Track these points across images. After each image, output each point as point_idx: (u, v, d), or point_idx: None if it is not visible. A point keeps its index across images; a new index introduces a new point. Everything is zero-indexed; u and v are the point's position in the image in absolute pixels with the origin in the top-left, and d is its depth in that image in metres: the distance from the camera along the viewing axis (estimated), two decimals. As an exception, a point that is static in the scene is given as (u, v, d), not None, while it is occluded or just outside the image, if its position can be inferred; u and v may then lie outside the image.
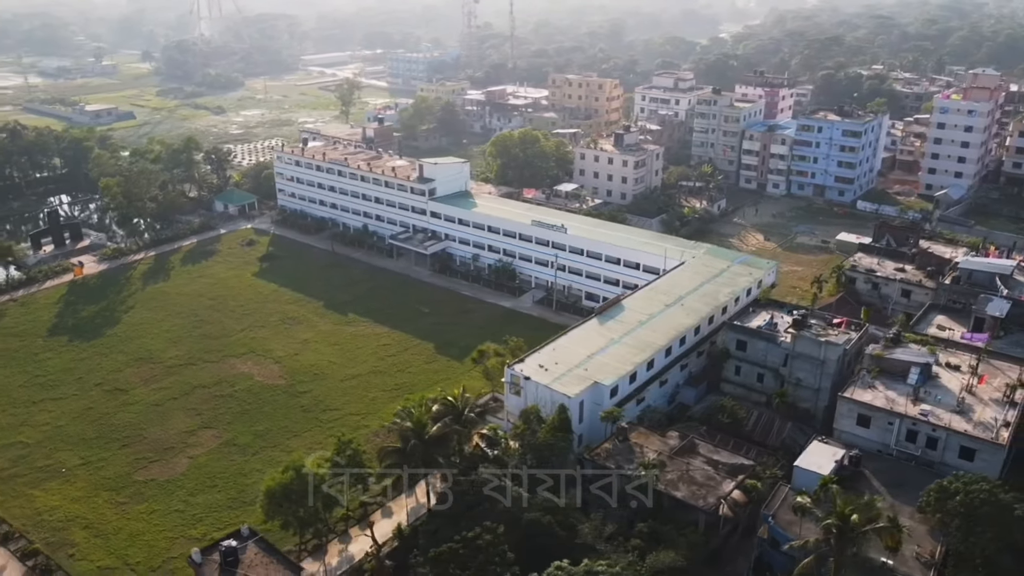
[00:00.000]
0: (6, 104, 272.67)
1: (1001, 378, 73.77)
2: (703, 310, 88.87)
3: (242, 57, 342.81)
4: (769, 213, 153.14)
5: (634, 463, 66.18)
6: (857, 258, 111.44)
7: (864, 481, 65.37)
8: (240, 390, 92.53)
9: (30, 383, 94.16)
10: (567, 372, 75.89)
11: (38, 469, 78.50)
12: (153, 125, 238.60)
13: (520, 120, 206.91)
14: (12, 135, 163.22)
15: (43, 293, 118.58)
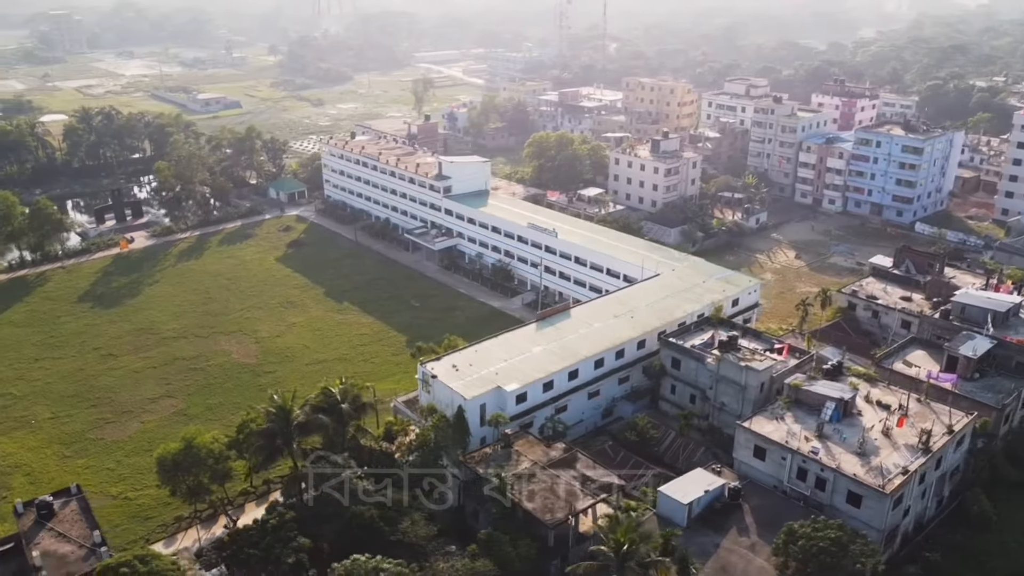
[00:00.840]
0: (139, 90, 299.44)
1: (936, 423, 67.48)
2: (652, 324, 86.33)
3: (356, 53, 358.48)
4: (816, 229, 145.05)
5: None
6: (864, 283, 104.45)
7: (736, 515, 62.08)
8: (212, 365, 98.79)
9: (42, 342, 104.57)
10: (476, 374, 76.14)
11: (13, 419, 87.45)
12: (255, 114, 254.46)
13: (590, 122, 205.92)
14: (107, 119, 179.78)
15: (90, 263, 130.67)
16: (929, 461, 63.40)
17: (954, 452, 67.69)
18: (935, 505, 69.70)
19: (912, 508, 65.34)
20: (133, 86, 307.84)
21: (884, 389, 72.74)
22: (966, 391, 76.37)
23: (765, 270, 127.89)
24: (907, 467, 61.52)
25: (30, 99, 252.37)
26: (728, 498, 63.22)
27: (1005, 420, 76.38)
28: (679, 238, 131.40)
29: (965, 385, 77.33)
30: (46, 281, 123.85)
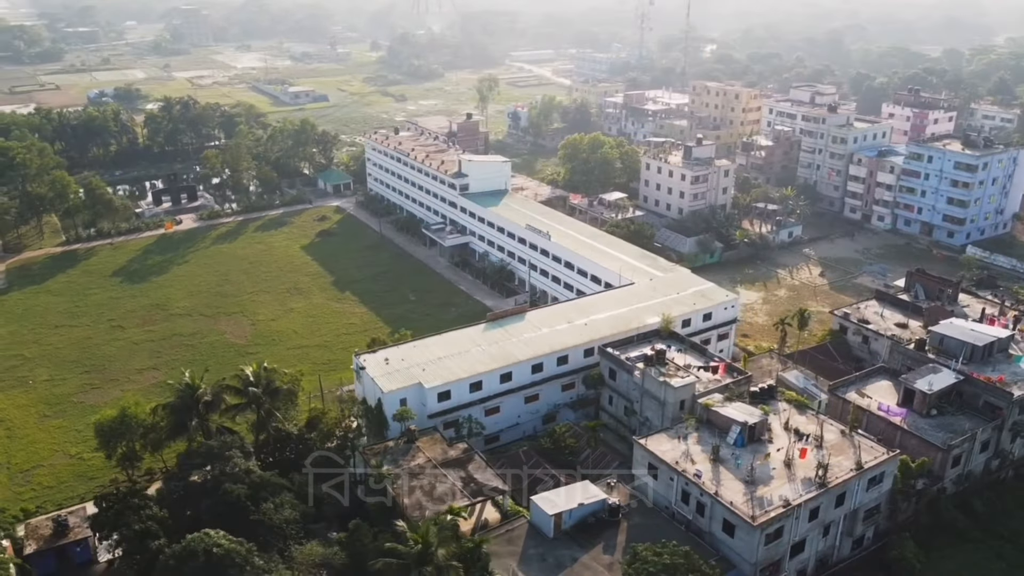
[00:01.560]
0: (243, 82, 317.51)
1: (848, 458, 63.35)
2: (603, 332, 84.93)
3: (453, 51, 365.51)
4: (854, 247, 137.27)
5: (399, 465, 67.24)
6: (862, 306, 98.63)
7: (610, 532, 60.68)
8: (204, 342, 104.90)
9: (66, 311, 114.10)
10: (404, 369, 77.58)
11: (14, 378, 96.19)
12: (339, 107, 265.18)
13: (652, 126, 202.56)
14: (184, 108, 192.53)
15: (135, 241, 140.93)
16: (823, 497, 59.75)
17: (867, 491, 63.29)
18: (850, 545, 65.47)
19: (811, 545, 61.80)
20: (239, 78, 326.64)
21: (811, 417, 68.83)
22: (917, 427, 71.44)
23: (781, 286, 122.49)
24: (790, 500, 58.25)
25: (139, 87, 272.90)
26: (607, 514, 61.88)
27: (955, 463, 70.69)
28: (694, 248, 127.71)
29: (918, 421, 72.28)
30: (92, 256, 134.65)
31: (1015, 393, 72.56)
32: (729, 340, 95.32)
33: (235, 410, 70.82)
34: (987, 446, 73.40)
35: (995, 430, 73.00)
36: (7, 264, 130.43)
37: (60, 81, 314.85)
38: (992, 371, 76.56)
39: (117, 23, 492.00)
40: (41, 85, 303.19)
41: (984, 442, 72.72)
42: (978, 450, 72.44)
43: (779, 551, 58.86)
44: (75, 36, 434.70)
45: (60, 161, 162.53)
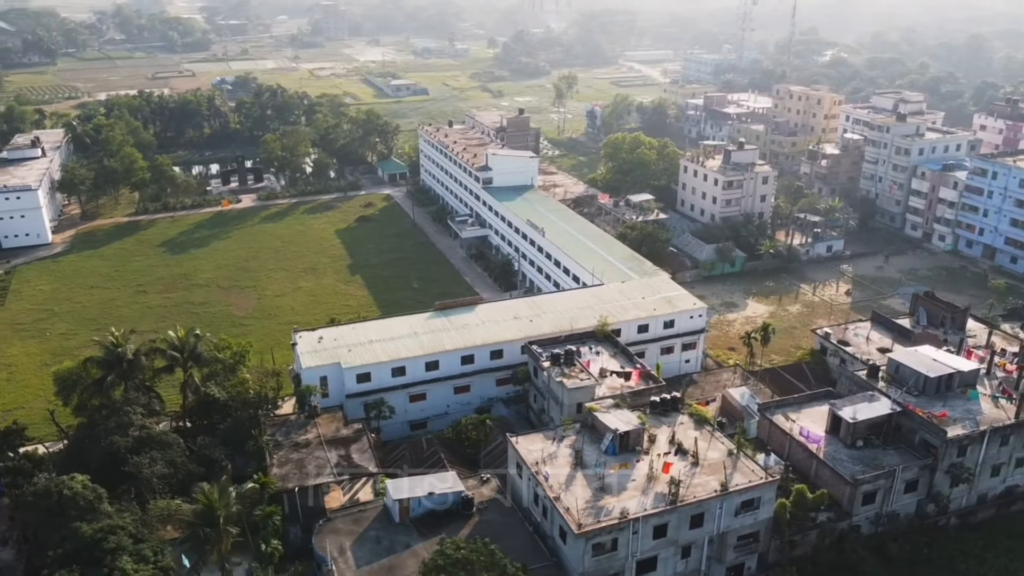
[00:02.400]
0: (358, 74, 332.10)
1: (717, 478, 59.73)
2: (545, 330, 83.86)
3: (565, 49, 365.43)
4: (903, 267, 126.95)
5: (289, 436, 69.85)
6: (852, 327, 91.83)
7: (456, 525, 60.31)
8: (209, 312, 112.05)
9: (107, 275, 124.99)
10: (332, 348, 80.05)
11: (37, 329, 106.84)
12: (436, 101, 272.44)
13: (729, 129, 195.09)
14: (272, 95, 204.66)
15: (193, 216, 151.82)
16: (672, 514, 56.73)
17: (737, 515, 59.37)
18: (722, 572, 61.65)
19: (665, 566, 58.81)
20: (356, 70, 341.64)
21: (704, 434, 65.20)
22: (832, 457, 66.32)
23: (797, 301, 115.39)
24: (628, 513, 55.74)
25: (256, 76, 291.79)
26: (461, 507, 61.60)
27: (867, 500, 64.83)
28: (712, 255, 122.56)
29: (839, 451, 67.06)
30: (151, 227, 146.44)
31: (949, 432, 65.56)
32: (697, 350, 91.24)
33: (161, 371, 75.73)
34: (915, 487, 66.69)
35: (924, 470, 66.24)
36: (78, 229, 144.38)
37: (199, 69, 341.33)
38: (942, 406, 69.44)
39: (270, 16, 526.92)
40: (180, 72, 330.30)
41: (910, 481, 66.18)
42: (902, 489, 66.00)
43: (615, 564, 56.48)
44: (227, 28, 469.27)
45: (149, 140, 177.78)
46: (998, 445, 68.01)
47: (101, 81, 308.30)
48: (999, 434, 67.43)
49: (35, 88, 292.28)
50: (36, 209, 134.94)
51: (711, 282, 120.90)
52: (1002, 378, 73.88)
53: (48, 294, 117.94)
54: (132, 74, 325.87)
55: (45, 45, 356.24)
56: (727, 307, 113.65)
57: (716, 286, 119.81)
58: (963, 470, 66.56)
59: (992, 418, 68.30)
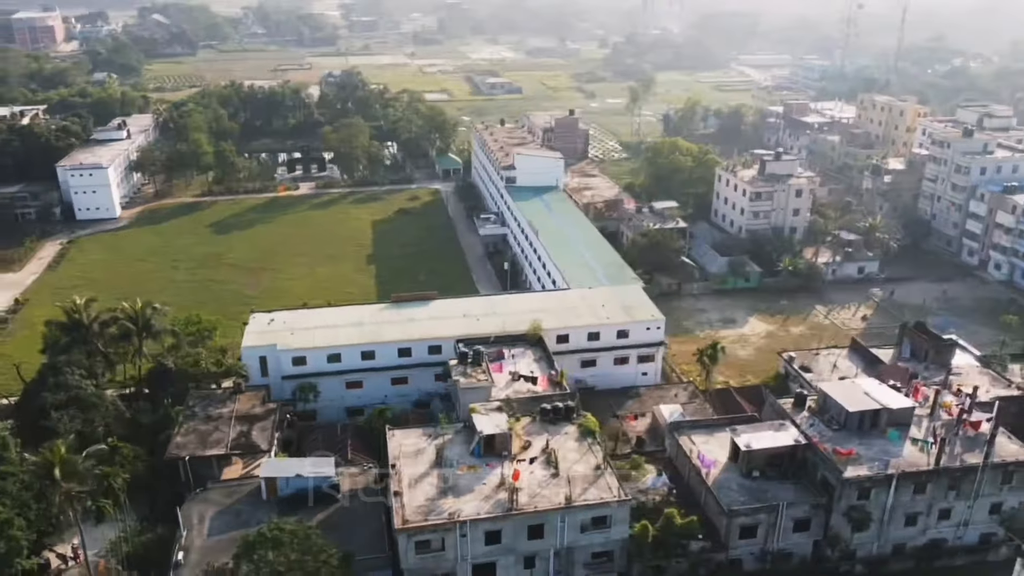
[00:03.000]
0: (462, 72, 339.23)
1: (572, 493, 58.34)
2: (486, 330, 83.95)
3: (675, 51, 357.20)
4: (943, 294, 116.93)
5: (207, 409, 74.11)
6: (824, 354, 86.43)
7: (317, 509, 61.97)
8: (223, 289, 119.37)
9: (152, 249, 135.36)
10: (277, 331, 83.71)
11: (70, 295, 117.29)
12: (526, 100, 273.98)
13: (806, 139, 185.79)
14: (352, 89, 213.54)
15: (251, 200, 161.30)
16: (506, 522, 56.11)
17: (584, 532, 57.84)
18: (577, 587, 60.20)
19: (506, 572, 58.14)
20: (463, 68, 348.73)
21: (583, 446, 63.61)
22: (720, 485, 63.21)
23: (803, 323, 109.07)
24: (455, 515, 55.59)
25: (360, 70, 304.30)
26: (328, 492, 63.41)
27: (747, 534, 61.20)
28: (724, 268, 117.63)
29: (731, 480, 63.82)
30: (210, 207, 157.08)
31: (847, 472, 60.67)
32: (655, 363, 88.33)
33: (118, 339, 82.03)
34: (807, 526, 62.16)
35: (818, 509, 61.62)
36: (145, 207, 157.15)
37: (320, 62, 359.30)
38: (857, 443, 64.32)
39: (404, 14, 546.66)
40: (299, 65, 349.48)
41: (800, 520, 61.79)
42: (790, 527, 61.73)
43: (444, 565, 56.49)
44: (359, 24, 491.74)
45: (232, 128, 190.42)
46: (911, 492, 62.19)
47: (226, 72, 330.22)
48: (911, 480, 61.67)
49: (168, 76, 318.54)
50: (106, 186, 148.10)
51: (720, 296, 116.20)
52: (943, 422, 67.31)
53: (95, 264, 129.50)
54: (258, 66, 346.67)
55: (187, 37, 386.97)
56: (724, 323, 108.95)
57: (723, 300, 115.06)
58: (865, 514, 61.44)
59: (908, 462, 62.57)
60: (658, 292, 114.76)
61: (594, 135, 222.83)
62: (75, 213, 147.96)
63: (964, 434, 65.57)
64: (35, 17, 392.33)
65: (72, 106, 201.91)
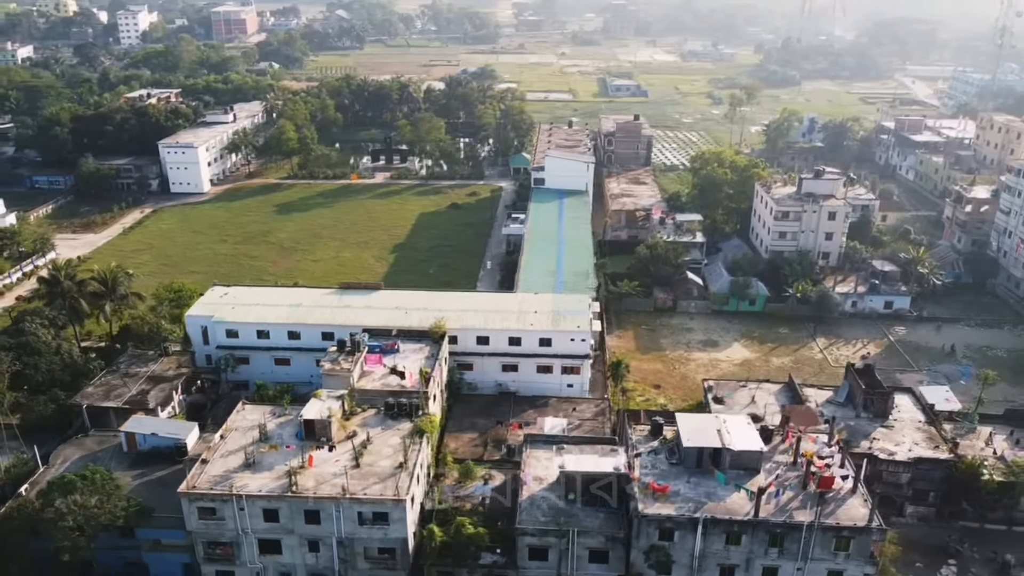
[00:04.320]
0: (602, 73, 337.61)
1: (358, 483, 59.32)
2: (410, 323, 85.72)
3: (832, 60, 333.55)
4: (982, 342, 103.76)
5: (131, 366, 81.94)
6: (750, 387, 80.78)
7: (163, 466, 67.34)
8: (250, 265, 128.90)
9: (215, 223, 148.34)
10: (223, 304, 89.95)
11: (127, 258, 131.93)
12: (647, 104, 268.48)
13: (914, 159, 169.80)
14: (458, 85, 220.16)
15: (324, 185, 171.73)
16: (280, 502, 58.10)
17: (363, 525, 58.60)
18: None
19: (292, 553, 60.39)
20: (605, 70, 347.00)
21: (405, 443, 64.08)
22: (532, 503, 61.66)
23: (792, 355, 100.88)
24: (234, 489, 58.41)
25: (494, 68, 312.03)
26: (176, 452, 68.47)
27: (537, 555, 59.16)
28: (726, 288, 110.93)
29: (549, 500, 61.86)
30: (286, 190, 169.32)
31: (643, 507, 56.88)
32: (582, 376, 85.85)
33: (92, 297, 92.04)
34: (605, 558, 58.86)
35: (614, 542, 58.19)
36: (233, 185, 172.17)
37: (470, 60, 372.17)
38: (687, 481, 60.01)
39: (578, 13, 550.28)
40: (447, 62, 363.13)
41: (596, 550, 58.65)
42: (586, 556, 58.81)
43: (226, 533, 59.41)
44: (526, 24, 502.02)
45: (336, 117, 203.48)
46: (723, 541, 57.07)
47: (380, 65, 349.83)
48: (721, 528, 56.61)
49: (327, 67, 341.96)
50: (195, 163, 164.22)
51: (716, 317, 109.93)
52: (783, 475, 60.85)
53: (161, 232, 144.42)
54: (412, 60, 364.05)
55: (356, 32, 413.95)
56: (704, 345, 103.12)
57: (717, 321, 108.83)
58: (666, 556, 57.30)
59: (725, 508, 57.48)
60: (652, 307, 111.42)
61: (694, 142, 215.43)
62: (169, 186, 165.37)
63: (808, 489, 59.03)
64: (231, 11, 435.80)
65: (212, 91, 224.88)
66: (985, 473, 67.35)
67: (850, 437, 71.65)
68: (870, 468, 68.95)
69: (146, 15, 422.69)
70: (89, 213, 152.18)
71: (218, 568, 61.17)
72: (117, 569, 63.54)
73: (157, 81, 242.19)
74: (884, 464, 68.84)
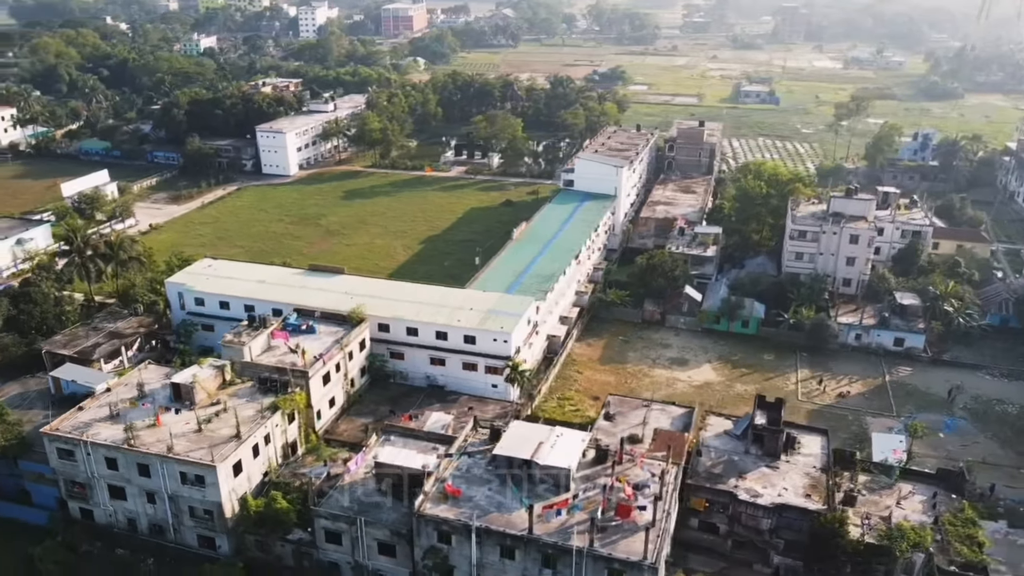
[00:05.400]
0: (740, 76, 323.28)
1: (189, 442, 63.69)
2: (348, 307, 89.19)
3: (1011, 72, 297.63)
4: (991, 394, 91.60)
5: (103, 322, 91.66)
6: (651, 407, 77.00)
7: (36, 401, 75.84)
8: (290, 244, 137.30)
9: (282, 204, 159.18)
10: (203, 275, 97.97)
11: (199, 224, 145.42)
12: (772, 112, 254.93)
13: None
14: (560, 85, 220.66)
15: (398, 175, 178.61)
16: (117, 453, 63.78)
17: (185, 485, 62.77)
18: (195, 538, 65.39)
19: (133, 500, 66.07)
20: (747, 74, 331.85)
21: (261, 417, 67.64)
22: (349, 490, 63.34)
23: (758, 381, 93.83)
24: (84, 436, 64.60)
25: (625, 69, 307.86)
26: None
27: (333, 538, 60.80)
28: (719, 305, 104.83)
29: (365, 487, 63.27)
30: (363, 177, 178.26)
31: (419, 506, 56.62)
32: (503, 376, 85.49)
33: (97, 257, 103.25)
34: (393, 552, 59.05)
35: (399, 537, 58.31)
36: (319, 170, 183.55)
37: (616, 60, 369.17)
38: (489, 487, 59.06)
39: (755, 16, 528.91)
40: (589, 62, 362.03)
41: (383, 543, 59.25)
42: (375, 547, 59.44)
43: (79, 473, 65.90)
44: (691, 26, 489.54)
45: (435, 111, 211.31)
46: (499, 554, 55.60)
47: (522, 63, 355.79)
48: (494, 539, 55.20)
49: (470, 64, 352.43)
50: (284, 148, 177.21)
51: (702, 335, 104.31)
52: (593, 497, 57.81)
53: (232, 208, 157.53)
54: (557, 60, 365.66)
55: (511, 30, 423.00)
56: (672, 363, 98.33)
57: (700, 340, 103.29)
58: (443, 559, 56.76)
59: (505, 520, 55.94)
60: (640, 318, 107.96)
61: (800, 153, 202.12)
62: (262, 167, 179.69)
63: (609, 515, 56.02)
64: (399, 8, 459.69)
65: (341, 82, 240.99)
66: (850, 531, 60.20)
67: (724, 472, 66.69)
68: (732, 508, 64.15)
69: (325, 11, 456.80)
70: (186, 187, 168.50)
71: (80, 505, 68.00)
72: (12, 494, 72.10)
73: (296, 71, 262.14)
74: (744, 506, 63.37)
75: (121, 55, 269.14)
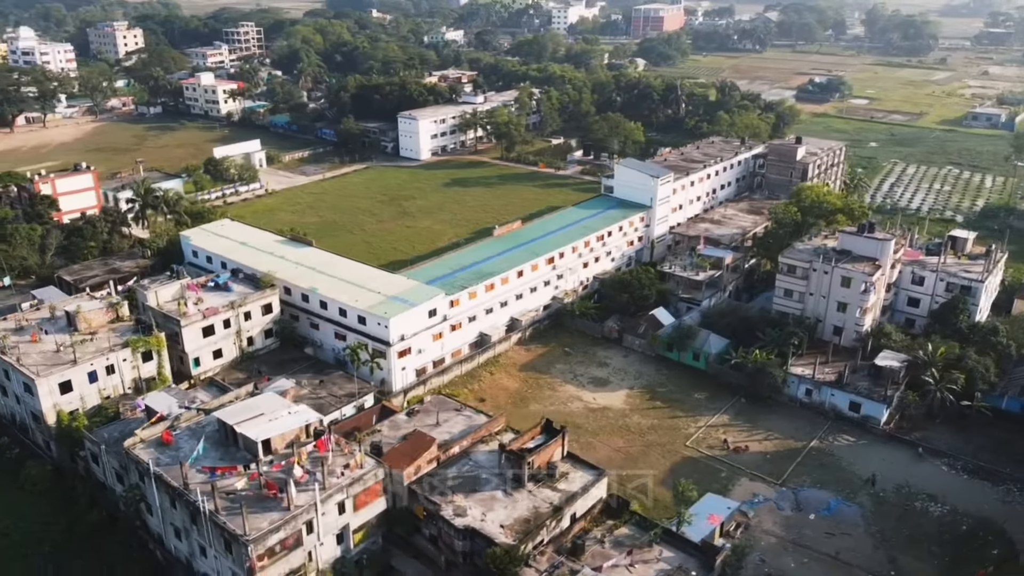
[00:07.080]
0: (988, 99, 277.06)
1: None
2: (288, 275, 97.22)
3: None
4: (926, 490, 75.90)
5: (116, 262, 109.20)
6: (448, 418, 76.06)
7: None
8: (359, 221, 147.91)
9: (385, 185, 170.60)
10: (213, 235, 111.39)
11: (306, 194, 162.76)
12: (1002, 139, 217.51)
13: None
14: (724, 92, 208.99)
15: (515, 168, 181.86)
16: (-6, 357, 77.95)
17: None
18: None
19: None
20: (1001, 94, 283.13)
21: (120, 352, 78.37)
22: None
23: (664, 418, 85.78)
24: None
25: (845, 79, 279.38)
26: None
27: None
28: (668, 332, 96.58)
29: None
30: (482, 167, 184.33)
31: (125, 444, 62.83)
32: (388, 362, 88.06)
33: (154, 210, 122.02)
34: (123, 482, 66.06)
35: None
36: (449, 156, 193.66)
37: (859, 70, 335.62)
38: (207, 446, 63.80)
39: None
40: (828, 71, 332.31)
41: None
42: (115, 475, 66.83)
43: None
44: (985, 36, 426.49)
45: (588, 109, 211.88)
46: (168, 501, 60.10)
47: (752, 70, 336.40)
48: (164, 487, 59.81)
49: (696, 68, 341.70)
50: (416, 134, 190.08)
51: (648, 362, 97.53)
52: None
53: (342, 185, 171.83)
54: (792, 68, 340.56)
55: (758, 34, 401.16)
56: (593, 383, 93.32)
57: (643, 366, 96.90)
58: (141, 495, 62.63)
59: (176, 473, 60.06)
60: (600, 334, 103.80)
61: (986, 186, 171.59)
62: (399, 150, 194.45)
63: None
64: (652, 8, 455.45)
65: (529, 77, 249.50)
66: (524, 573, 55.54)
67: (458, 487, 64.32)
68: (438, 524, 62.19)
69: (581, 8, 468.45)
70: (329, 161, 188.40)
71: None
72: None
73: (494, 65, 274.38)
74: (444, 523, 60.85)
75: (354, 43, 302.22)
